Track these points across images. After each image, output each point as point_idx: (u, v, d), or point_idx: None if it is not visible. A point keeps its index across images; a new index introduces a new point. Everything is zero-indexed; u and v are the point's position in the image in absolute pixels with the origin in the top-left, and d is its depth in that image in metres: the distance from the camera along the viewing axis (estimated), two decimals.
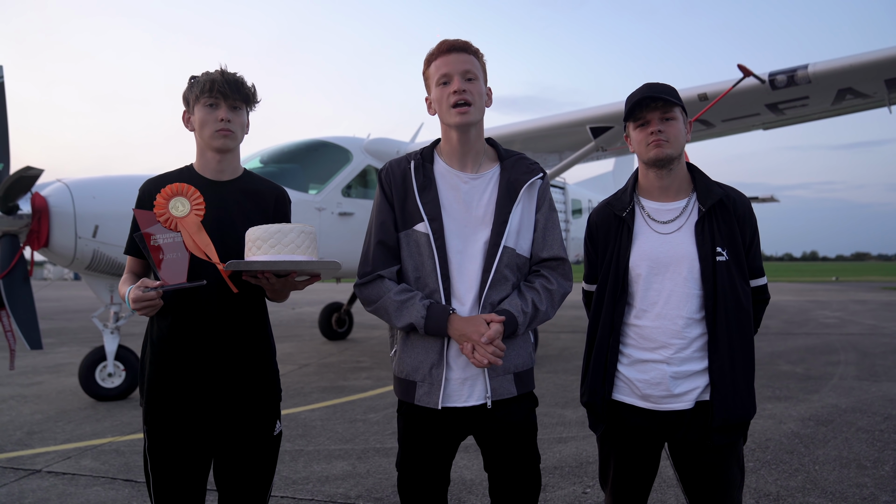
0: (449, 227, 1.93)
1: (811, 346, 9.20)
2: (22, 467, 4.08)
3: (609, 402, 1.97)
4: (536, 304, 1.93)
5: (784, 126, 6.84)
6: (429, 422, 1.94)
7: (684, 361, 1.90)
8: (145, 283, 1.77)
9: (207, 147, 1.97)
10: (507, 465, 1.96)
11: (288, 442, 4.60)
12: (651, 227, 1.96)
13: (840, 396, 5.90)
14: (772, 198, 16.13)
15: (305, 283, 1.93)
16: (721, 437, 1.86)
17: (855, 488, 3.57)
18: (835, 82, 5.38)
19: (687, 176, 2.00)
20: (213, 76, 1.92)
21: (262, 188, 2.07)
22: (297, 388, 6.61)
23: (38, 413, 5.56)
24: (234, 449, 1.95)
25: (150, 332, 1.96)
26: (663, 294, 1.91)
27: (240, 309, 1.96)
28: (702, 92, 5.75)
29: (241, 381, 1.95)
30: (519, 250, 1.96)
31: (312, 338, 10.85)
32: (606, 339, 1.97)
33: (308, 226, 1.86)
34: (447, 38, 1.94)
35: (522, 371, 1.96)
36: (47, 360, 8.58)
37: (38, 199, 5.35)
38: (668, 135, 1.89)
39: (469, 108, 1.89)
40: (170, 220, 1.85)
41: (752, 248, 1.96)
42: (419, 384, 1.94)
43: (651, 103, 1.89)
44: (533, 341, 2.03)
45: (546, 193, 2.03)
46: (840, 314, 14.50)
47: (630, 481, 1.99)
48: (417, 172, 1.98)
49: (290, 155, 8.03)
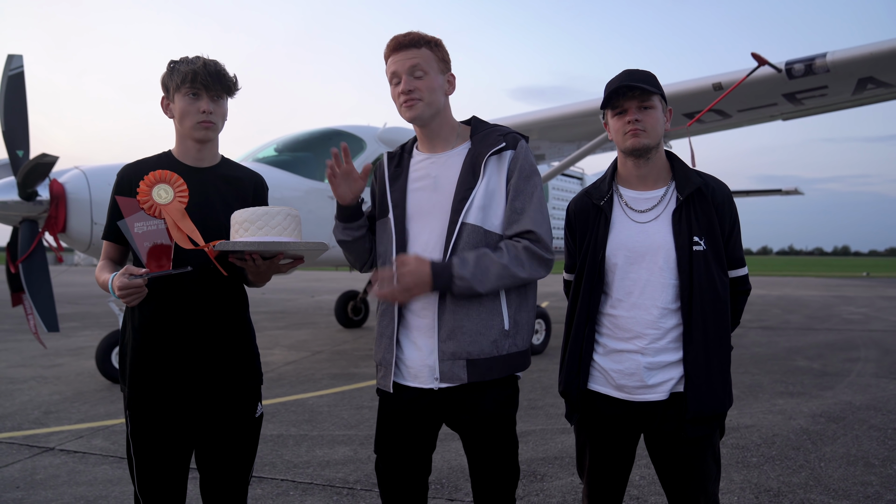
0: (412, 212, 1.95)
1: (831, 342, 9.02)
2: (36, 445, 4.22)
3: (584, 391, 1.96)
4: (490, 255, 1.81)
5: (804, 116, 6.66)
6: (392, 404, 1.98)
7: (659, 352, 1.87)
8: (130, 270, 1.77)
9: (188, 136, 1.98)
10: (482, 453, 1.96)
11: (293, 427, 4.67)
12: (628, 216, 1.94)
13: (855, 393, 5.78)
14: (796, 190, 15.78)
15: (289, 265, 1.95)
16: (695, 430, 1.84)
17: (859, 486, 3.51)
18: (854, 71, 5.23)
19: (666, 164, 1.97)
20: (194, 66, 1.90)
21: (241, 175, 2.09)
22: (307, 374, 6.69)
23: (56, 394, 5.73)
24: (215, 432, 1.99)
25: (132, 319, 1.97)
26: (639, 283, 1.89)
27: (220, 295, 1.99)
28: (716, 82, 5.65)
29: (223, 365, 1.98)
30: (488, 227, 1.87)
31: (328, 325, 10.96)
32: (582, 328, 1.95)
33: (293, 209, 1.88)
34: (398, 34, 1.93)
35: (479, 359, 1.85)
36: (69, 343, 8.81)
37: (56, 186, 5.48)
38: (645, 124, 1.86)
39: (416, 103, 1.90)
40: (153, 207, 1.85)
41: (732, 238, 1.92)
42: (379, 367, 2.00)
43: (628, 92, 1.86)
44: (507, 327, 1.89)
45: (518, 162, 1.90)
46: (865, 310, 14.17)
47: (606, 470, 1.98)
48: (391, 164, 2.04)
49: (304, 143, 8.07)
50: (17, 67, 5.26)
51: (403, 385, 1.94)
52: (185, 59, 1.95)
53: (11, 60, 5.23)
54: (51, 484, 3.53)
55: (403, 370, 1.94)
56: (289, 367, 7.08)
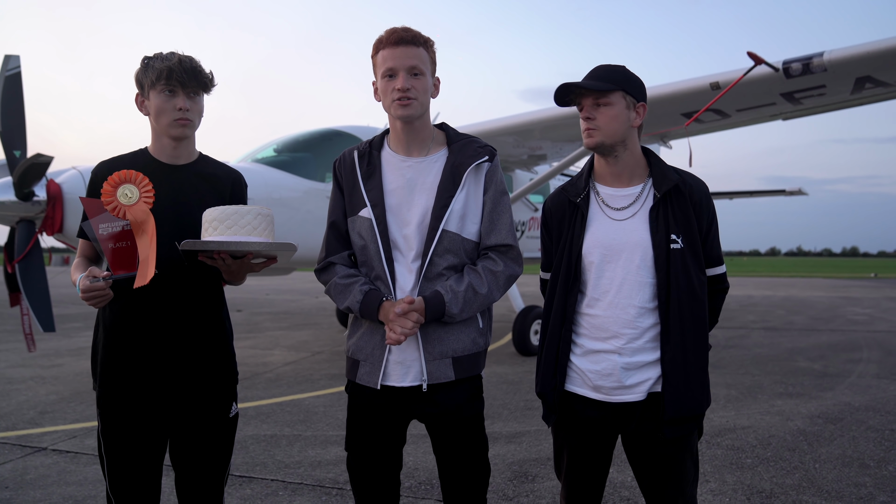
0: (391, 211, 1.94)
1: (834, 343, 8.95)
2: (29, 444, 4.23)
3: (561, 392, 1.94)
4: (475, 287, 1.90)
5: (804, 116, 6.61)
6: (370, 401, 1.96)
7: (636, 352, 1.85)
8: (93, 272, 1.74)
9: (164, 134, 1.96)
10: (451, 451, 1.97)
11: (287, 427, 4.66)
12: (605, 214, 1.91)
13: (855, 394, 5.73)
14: (800, 191, 15.68)
15: (262, 265, 1.94)
16: (673, 430, 1.81)
17: (853, 487, 3.47)
18: (852, 70, 5.17)
19: (641, 161, 1.94)
20: (170, 63, 1.88)
21: (219, 172, 2.08)
22: (305, 374, 6.69)
23: (53, 394, 5.75)
24: (188, 431, 1.98)
25: (103, 317, 1.97)
26: (615, 282, 1.86)
27: (192, 294, 1.97)
28: (714, 81, 5.60)
29: (195, 364, 1.96)
30: (466, 234, 1.94)
31: (330, 326, 10.97)
32: (558, 328, 1.93)
33: (265, 208, 1.86)
34: (397, 28, 1.91)
35: (463, 356, 1.94)
36: (70, 343, 8.85)
37: (53, 186, 5.49)
38: (598, 122, 1.83)
39: (411, 102, 1.89)
40: (118, 208, 1.80)
41: (710, 236, 1.89)
42: (362, 363, 1.97)
43: (576, 89, 1.84)
44: (481, 326, 1.99)
45: (494, 176, 1.98)
46: (870, 311, 14.05)
47: (583, 472, 1.95)
48: (362, 161, 2.01)
49: (304, 144, 8.07)
50: (14, 68, 5.28)
51: (387, 385, 1.93)
52: (160, 55, 1.92)
53: (8, 61, 5.25)
54: (40, 484, 3.54)
55: (389, 369, 1.93)
56: (287, 368, 7.08)
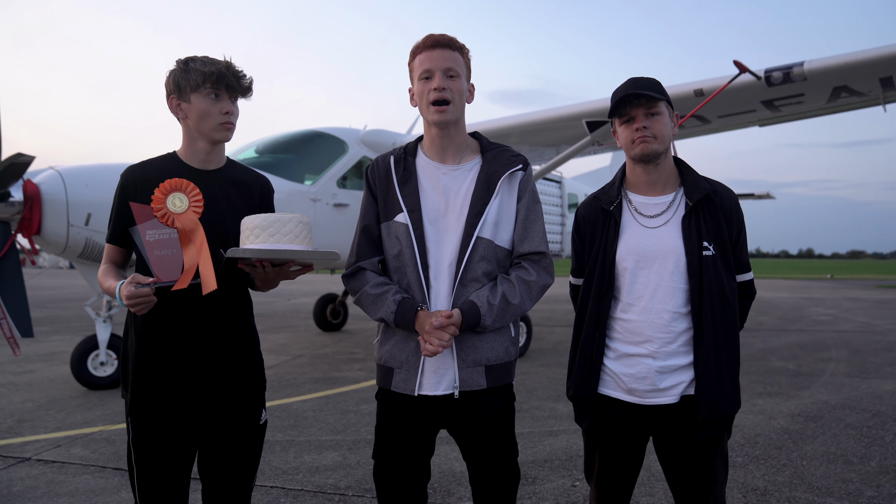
0: (427, 217, 1.95)
1: (804, 343, 9.24)
2: (11, 455, 4.08)
3: (595, 396, 1.97)
4: (508, 297, 1.91)
5: (780, 123, 6.83)
6: (405, 409, 1.96)
7: (670, 356, 1.90)
8: (137, 279, 1.73)
9: (203, 137, 1.93)
10: (483, 457, 1.97)
11: (279, 432, 4.60)
12: (638, 221, 1.96)
13: (830, 393, 5.93)
14: (767, 195, 16.18)
15: (298, 272, 1.93)
16: (705, 432, 1.86)
17: (841, 483, 3.60)
18: (830, 80, 5.38)
19: (674, 170, 2.00)
20: (217, 67, 1.87)
21: (247, 178, 2.06)
22: (289, 378, 6.61)
23: (30, 401, 5.56)
24: (219, 439, 1.95)
25: (134, 324, 1.93)
26: (649, 288, 1.91)
27: (225, 301, 1.95)
28: (698, 88, 5.75)
29: (227, 371, 1.94)
30: (499, 242, 1.96)
31: (307, 329, 10.85)
32: (592, 333, 1.96)
33: (304, 216, 1.86)
34: (433, 33, 1.95)
35: (496, 364, 1.95)
36: (40, 348, 8.56)
37: (30, 187, 5.32)
38: (653, 130, 1.89)
39: (447, 107, 1.91)
40: (167, 215, 1.80)
41: (739, 243, 1.95)
42: (397, 371, 1.97)
43: (634, 100, 1.89)
44: (514, 335, 2.01)
45: (528, 185, 2.01)
46: (833, 311, 14.56)
47: (615, 475, 1.99)
48: (398, 166, 2.02)
49: (285, 145, 7.99)
50: None
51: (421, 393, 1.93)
52: (202, 58, 1.90)
53: None
54: (29, 496, 3.42)
55: (423, 378, 1.93)
56: (270, 372, 6.98)
